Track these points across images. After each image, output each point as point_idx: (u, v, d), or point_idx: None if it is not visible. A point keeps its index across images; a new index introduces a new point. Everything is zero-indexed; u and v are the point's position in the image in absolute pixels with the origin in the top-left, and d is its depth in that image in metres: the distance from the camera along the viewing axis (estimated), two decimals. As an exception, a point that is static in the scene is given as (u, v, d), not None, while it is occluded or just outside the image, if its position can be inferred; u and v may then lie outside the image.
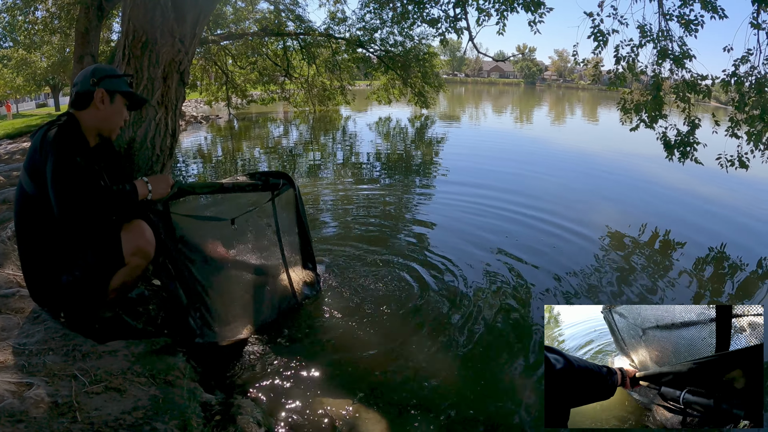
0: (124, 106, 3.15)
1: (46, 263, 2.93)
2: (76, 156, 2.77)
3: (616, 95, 10.21)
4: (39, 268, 2.96)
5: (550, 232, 7.47)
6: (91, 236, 2.94)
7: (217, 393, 3.00)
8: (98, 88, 2.99)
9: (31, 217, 2.86)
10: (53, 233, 2.87)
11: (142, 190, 3.05)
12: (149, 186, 3.09)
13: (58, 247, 2.90)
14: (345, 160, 14.54)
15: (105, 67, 3.15)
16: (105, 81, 3.02)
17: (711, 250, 7.33)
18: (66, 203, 2.68)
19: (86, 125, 3.01)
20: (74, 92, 3.02)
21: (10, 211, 5.47)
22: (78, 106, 3.01)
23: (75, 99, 3.01)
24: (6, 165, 10.52)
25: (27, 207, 2.87)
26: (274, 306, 4.28)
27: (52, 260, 2.92)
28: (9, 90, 42.67)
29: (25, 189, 2.83)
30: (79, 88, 3.01)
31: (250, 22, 20.80)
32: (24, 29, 19.15)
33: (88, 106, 3.00)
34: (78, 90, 3.01)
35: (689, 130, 8.37)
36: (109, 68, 3.17)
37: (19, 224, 2.94)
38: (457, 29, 9.83)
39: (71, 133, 2.87)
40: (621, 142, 18.66)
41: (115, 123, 3.13)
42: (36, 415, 2.17)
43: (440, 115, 32.44)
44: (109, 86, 3.03)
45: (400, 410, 3.35)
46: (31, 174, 2.79)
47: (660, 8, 8.12)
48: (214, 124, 25.95)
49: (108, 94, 3.02)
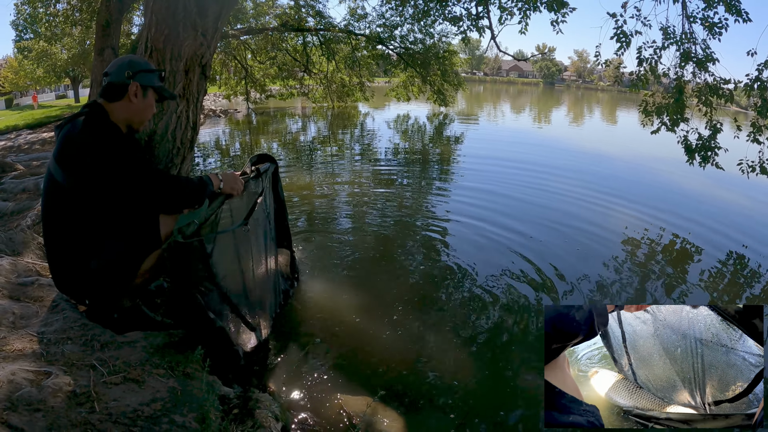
0: (154, 100, 3.16)
1: (75, 250, 2.93)
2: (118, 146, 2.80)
3: (635, 97, 10.14)
4: (66, 255, 2.96)
5: (567, 234, 7.42)
6: (131, 218, 2.96)
7: (235, 386, 3.00)
8: (133, 81, 2.99)
9: (61, 205, 2.87)
10: (84, 220, 2.88)
11: (216, 182, 3.09)
12: (220, 176, 3.13)
13: (88, 233, 2.91)
14: (362, 156, 14.53)
15: (140, 61, 3.13)
16: (140, 75, 3.02)
17: (730, 255, 7.24)
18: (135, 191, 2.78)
19: (116, 116, 2.98)
20: (107, 82, 3.00)
21: (30, 200, 5.52)
22: (110, 98, 2.99)
23: (107, 90, 2.99)
24: (26, 155, 10.62)
25: (56, 195, 2.87)
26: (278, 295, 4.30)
27: (81, 247, 2.92)
28: (29, 81, 43.15)
29: (55, 178, 2.84)
30: (112, 79, 2.99)
31: (270, 17, 20.84)
32: (45, 21, 19.29)
33: (120, 98, 2.99)
34: (111, 80, 2.99)
35: (711, 135, 8.29)
36: (144, 62, 3.15)
37: (47, 212, 2.95)
38: (479, 27, 9.79)
39: (104, 126, 2.89)
40: (640, 144, 18.53)
41: (146, 116, 3.14)
42: (54, 405, 2.17)
43: (459, 113, 32.33)
44: (143, 80, 3.03)
45: (418, 408, 3.35)
46: (61, 164, 2.80)
47: (684, 10, 8.05)
48: (233, 118, 26.00)
49: (142, 88, 3.02)
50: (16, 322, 2.88)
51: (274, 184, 4.40)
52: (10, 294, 3.23)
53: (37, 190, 6.09)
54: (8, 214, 5.21)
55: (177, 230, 2.83)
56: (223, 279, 3.18)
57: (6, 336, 2.67)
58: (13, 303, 3.09)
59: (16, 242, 4.13)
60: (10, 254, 3.90)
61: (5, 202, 5.52)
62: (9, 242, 4.10)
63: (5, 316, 2.88)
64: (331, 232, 7.05)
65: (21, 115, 28.42)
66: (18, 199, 5.75)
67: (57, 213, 2.91)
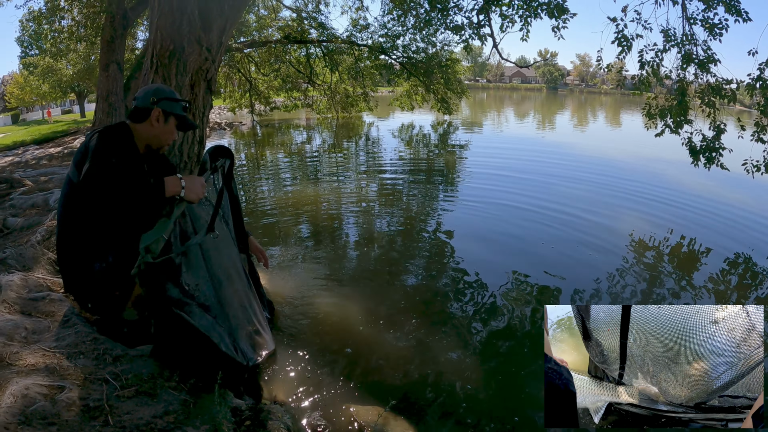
0: (175, 126, 3.36)
1: (82, 250, 3.08)
2: (112, 158, 2.91)
3: (639, 100, 10.13)
4: (74, 255, 3.11)
5: (575, 238, 7.42)
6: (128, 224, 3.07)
7: (246, 398, 3.02)
8: (156, 107, 3.21)
9: (73, 206, 3.06)
10: (92, 222, 3.04)
11: (175, 188, 3.08)
12: (183, 183, 3.13)
13: (95, 234, 3.07)
14: (367, 166, 14.54)
15: (166, 89, 3.36)
16: (163, 102, 3.24)
17: (738, 256, 7.22)
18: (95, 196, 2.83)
19: (138, 136, 3.25)
20: (134, 105, 3.25)
21: (39, 216, 5.56)
22: (135, 119, 3.24)
23: (134, 112, 3.24)
24: (34, 170, 10.66)
25: (72, 195, 3.06)
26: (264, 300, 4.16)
27: (87, 247, 3.07)
28: (35, 96, 43.46)
29: (72, 179, 3.03)
30: (138, 103, 3.23)
31: (273, 30, 20.95)
32: (50, 37, 19.46)
33: (143, 120, 3.23)
34: (137, 105, 3.23)
35: (715, 135, 8.29)
36: (169, 91, 3.36)
37: (63, 213, 3.13)
38: (481, 36, 9.82)
39: (115, 138, 3.07)
40: (644, 147, 18.49)
41: (165, 140, 3.34)
42: (68, 418, 2.20)
43: (463, 121, 32.32)
44: (166, 107, 3.25)
45: (429, 418, 3.36)
46: (77, 165, 2.98)
47: (684, 12, 8.08)
48: (238, 131, 26.05)
49: (164, 114, 3.24)
50: (28, 337, 2.91)
51: (228, 181, 3.89)
52: (21, 309, 3.26)
53: (46, 205, 6.13)
54: (18, 229, 5.25)
55: (144, 249, 2.85)
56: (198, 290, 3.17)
57: (18, 351, 2.70)
58: (25, 318, 3.12)
59: (26, 258, 4.17)
60: (20, 269, 3.93)
61: (15, 218, 5.56)
62: (19, 258, 4.14)
63: (17, 331, 2.90)
64: (338, 243, 7.09)
65: (28, 130, 28.53)
66: (27, 215, 5.79)
67: (69, 213, 3.09)
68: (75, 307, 3.37)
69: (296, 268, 5.94)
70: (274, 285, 5.27)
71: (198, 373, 2.93)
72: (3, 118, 49.60)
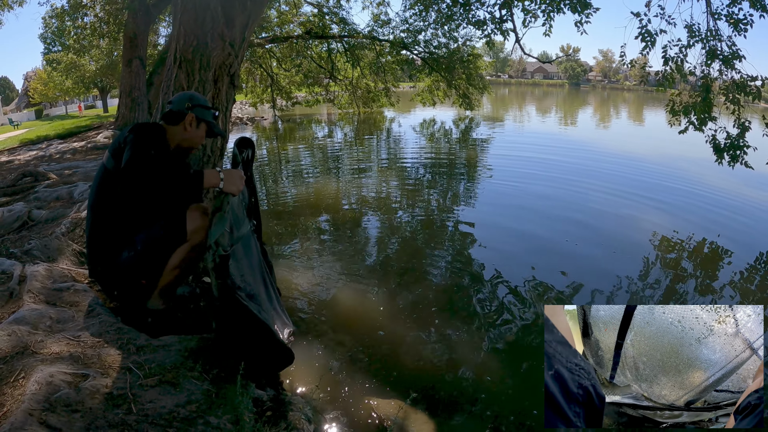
0: (205, 132, 3.48)
1: (112, 238, 3.18)
2: (150, 149, 3.01)
3: (662, 96, 10.01)
4: (104, 242, 3.20)
5: (598, 236, 7.38)
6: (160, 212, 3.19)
7: (267, 389, 3.04)
8: (190, 112, 3.36)
9: (108, 193, 3.15)
10: (124, 210, 3.14)
11: (214, 179, 3.10)
12: (221, 175, 3.15)
13: (126, 222, 3.16)
14: (389, 162, 14.54)
15: (200, 97, 3.52)
16: (197, 109, 3.39)
17: (761, 257, 7.11)
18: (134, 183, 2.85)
19: (171, 136, 3.36)
20: (168, 109, 3.39)
21: (63, 208, 5.64)
22: (169, 121, 3.36)
23: (168, 114, 3.37)
24: (58, 164, 10.77)
25: (105, 183, 3.16)
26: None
27: (117, 235, 3.17)
28: (58, 92, 43.96)
29: (107, 166, 3.15)
30: (173, 107, 3.37)
31: (295, 25, 20.97)
32: (73, 34, 19.64)
33: (177, 123, 3.36)
34: (173, 108, 3.37)
35: (739, 133, 8.19)
36: (203, 99, 3.53)
37: (95, 200, 3.22)
38: (503, 31, 9.79)
39: (153, 134, 3.17)
40: (668, 144, 18.29)
41: (194, 144, 3.47)
42: (91, 406, 2.22)
43: (484, 116, 32.14)
44: (199, 114, 3.39)
45: (449, 412, 3.36)
46: (114, 154, 3.12)
47: (708, 7, 7.98)
48: (259, 126, 26.14)
49: (197, 119, 3.38)
50: (53, 326, 2.95)
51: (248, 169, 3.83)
52: (46, 299, 3.30)
53: (70, 198, 6.21)
54: (42, 221, 5.33)
55: (214, 244, 2.86)
56: (244, 281, 3.21)
57: (43, 339, 2.73)
58: (50, 308, 3.16)
59: (51, 249, 4.23)
60: (45, 260, 3.99)
61: (39, 211, 5.63)
62: (44, 249, 4.20)
63: (42, 321, 2.94)
64: (359, 236, 7.10)
65: (52, 125, 28.83)
66: (51, 207, 5.87)
67: (102, 201, 3.19)
68: (99, 297, 3.41)
69: (317, 261, 5.98)
70: (295, 278, 5.30)
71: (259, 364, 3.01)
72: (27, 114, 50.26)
